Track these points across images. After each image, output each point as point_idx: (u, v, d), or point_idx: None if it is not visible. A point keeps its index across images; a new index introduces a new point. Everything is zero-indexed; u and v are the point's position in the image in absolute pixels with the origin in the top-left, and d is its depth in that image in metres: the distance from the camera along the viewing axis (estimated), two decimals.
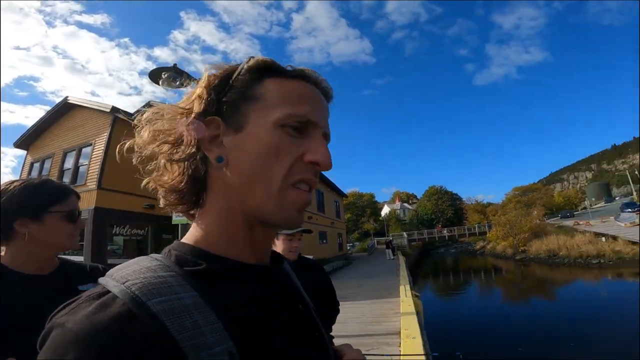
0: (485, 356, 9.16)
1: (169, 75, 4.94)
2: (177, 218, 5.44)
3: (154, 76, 5.01)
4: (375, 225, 62.93)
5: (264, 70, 0.50)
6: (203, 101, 0.48)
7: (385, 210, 78.99)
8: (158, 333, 0.35)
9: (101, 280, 0.41)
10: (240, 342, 0.40)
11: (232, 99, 0.48)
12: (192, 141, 0.47)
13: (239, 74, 0.49)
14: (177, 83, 4.99)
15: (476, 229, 47.18)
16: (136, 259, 0.44)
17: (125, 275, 0.40)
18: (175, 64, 5.07)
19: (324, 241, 23.51)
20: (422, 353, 4.02)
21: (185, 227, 5.40)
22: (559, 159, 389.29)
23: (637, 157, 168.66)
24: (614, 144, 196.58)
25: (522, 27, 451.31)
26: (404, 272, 15.67)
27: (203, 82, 0.49)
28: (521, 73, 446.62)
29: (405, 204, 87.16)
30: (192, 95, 0.50)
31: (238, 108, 0.48)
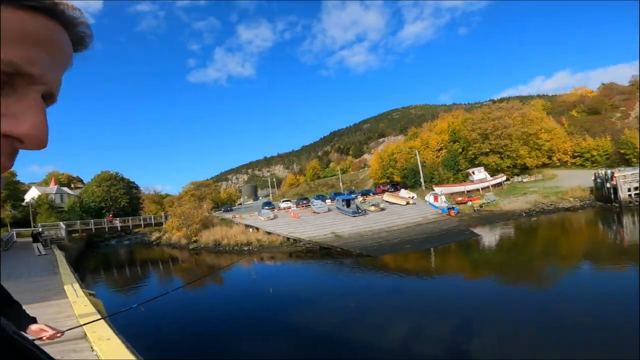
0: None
1: None
2: None
3: None
4: (15, 213, 46.57)
5: None
6: None
7: (33, 193, 60.40)
8: None
9: None
10: None
11: None
12: None
13: None
14: None
15: (152, 219, 46.95)
16: None
17: None
18: None
19: None
20: (127, 353, 3.92)
21: None
22: (229, 161, 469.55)
23: (276, 168, 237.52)
24: (265, 156, 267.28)
25: (253, 44, 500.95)
26: (65, 269, 13.19)
27: None
28: (229, 82, 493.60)
29: (65, 188, 71.16)
30: None
31: None
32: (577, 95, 67.42)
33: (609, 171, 31.08)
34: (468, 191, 39.77)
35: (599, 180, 31.83)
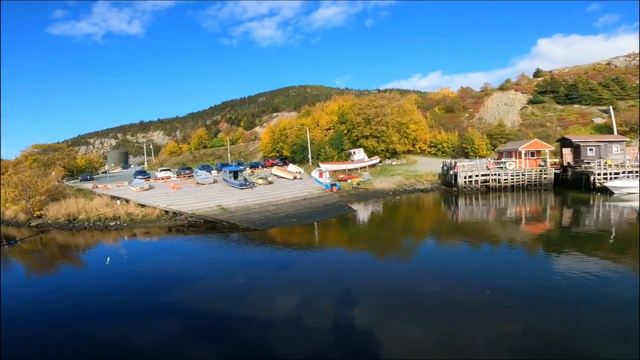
0: None
1: None
2: None
3: None
4: None
5: None
6: None
7: None
8: None
9: None
10: None
11: None
12: None
13: None
14: None
15: None
16: None
17: None
18: None
19: None
20: None
21: None
22: (93, 123, 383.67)
23: (155, 134, 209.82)
24: (142, 121, 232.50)
25: (149, 1, 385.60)
26: None
27: None
28: (107, 38, 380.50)
29: None
30: None
31: None
32: (441, 95, 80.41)
33: (453, 161, 38.57)
34: (349, 169, 43.52)
35: (445, 167, 39.20)
